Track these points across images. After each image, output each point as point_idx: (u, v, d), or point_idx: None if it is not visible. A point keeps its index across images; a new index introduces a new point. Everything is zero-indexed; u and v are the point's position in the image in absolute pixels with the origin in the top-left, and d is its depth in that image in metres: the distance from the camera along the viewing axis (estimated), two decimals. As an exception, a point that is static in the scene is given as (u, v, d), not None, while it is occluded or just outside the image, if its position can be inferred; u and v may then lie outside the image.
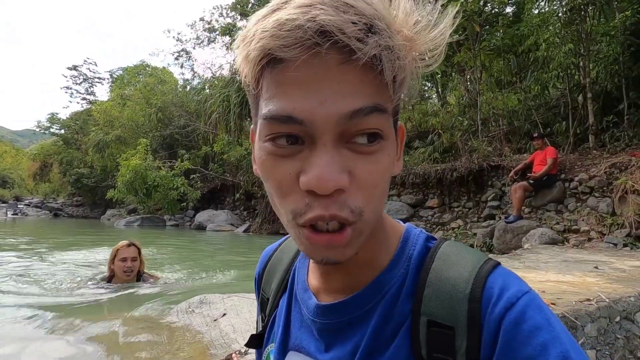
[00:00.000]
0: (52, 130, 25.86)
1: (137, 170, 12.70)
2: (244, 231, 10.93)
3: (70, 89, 25.88)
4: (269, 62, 0.31)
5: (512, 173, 5.99)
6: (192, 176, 13.70)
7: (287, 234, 0.43)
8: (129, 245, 2.96)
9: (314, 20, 0.29)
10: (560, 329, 0.34)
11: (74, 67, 26.06)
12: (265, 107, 0.32)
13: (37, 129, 26.84)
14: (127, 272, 2.82)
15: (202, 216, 12.52)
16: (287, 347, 0.46)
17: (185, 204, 13.74)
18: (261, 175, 0.36)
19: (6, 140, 53.47)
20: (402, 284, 0.40)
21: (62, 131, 24.71)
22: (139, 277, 2.94)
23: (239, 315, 1.57)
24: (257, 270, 0.57)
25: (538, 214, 5.78)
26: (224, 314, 1.60)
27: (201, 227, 11.96)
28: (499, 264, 0.39)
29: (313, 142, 0.31)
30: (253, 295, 1.99)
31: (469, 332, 0.35)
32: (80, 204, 21.54)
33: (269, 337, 0.51)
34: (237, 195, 12.59)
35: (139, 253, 2.99)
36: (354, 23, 0.29)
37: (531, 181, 5.53)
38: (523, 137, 7.44)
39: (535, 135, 5.94)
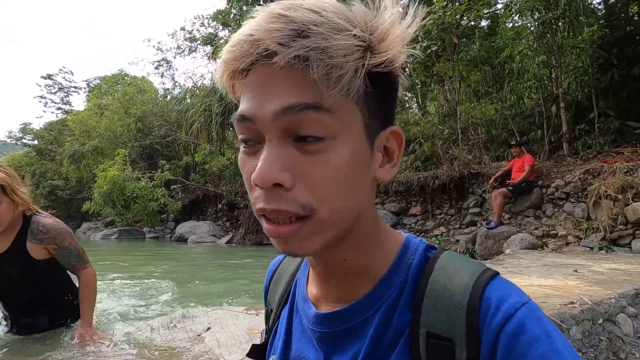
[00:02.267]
0: (24, 140, 24.90)
1: (115, 181, 12.32)
2: (227, 242, 10.72)
3: (45, 98, 25.06)
4: (235, 75, 0.36)
5: (491, 180, 6.14)
6: (172, 187, 13.41)
7: (269, 242, 0.46)
8: None
9: (251, 34, 0.33)
10: (560, 341, 0.34)
11: (49, 76, 25.26)
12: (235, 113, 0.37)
13: (9, 140, 25.78)
14: None
15: (183, 227, 12.23)
16: (289, 358, 0.46)
17: (165, 215, 13.40)
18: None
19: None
20: (401, 294, 0.40)
21: (36, 142, 23.81)
22: (26, 223, 1.61)
23: (224, 329, 1.51)
24: (265, 282, 0.58)
25: (518, 219, 5.92)
26: (208, 328, 1.54)
27: (182, 239, 11.67)
28: (497, 273, 0.39)
29: (264, 140, 0.35)
30: (238, 309, 1.94)
31: (468, 343, 0.35)
32: (55, 217, 20.67)
33: (271, 348, 0.51)
34: (220, 206, 12.37)
35: (6, 187, 1.52)
36: (278, 30, 0.32)
37: (510, 188, 5.68)
38: (501, 145, 7.67)
39: (513, 143, 6.13)
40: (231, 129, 11.23)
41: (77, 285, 1.75)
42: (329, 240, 0.37)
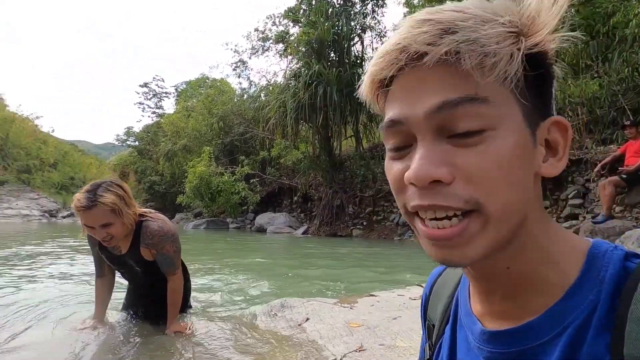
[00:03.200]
0: (128, 142, 28.69)
1: (202, 176, 13.57)
2: (303, 233, 11.12)
3: (142, 104, 28.54)
4: (381, 85, 0.37)
5: (598, 167, 5.36)
6: (251, 180, 14.31)
7: (345, 234, 0.44)
8: (87, 206, 1.56)
9: (398, 43, 0.34)
10: None
11: (145, 84, 28.70)
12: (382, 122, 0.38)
13: (116, 142, 29.98)
14: (106, 241, 1.68)
15: (262, 219, 12.99)
16: None
17: (246, 207, 14.38)
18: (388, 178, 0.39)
19: (91, 154, 60.48)
20: (591, 315, 0.33)
21: (137, 143, 27.27)
22: (138, 228, 1.77)
23: (322, 320, 1.56)
24: (423, 294, 0.55)
25: (634, 213, 5.09)
26: (307, 319, 1.61)
27: (261, 230, 12.41)
28: None
29: (416, 141, 0.34)
30: (332, 301, 2.00)
31: None
32: (153, 209, 23.57)
33: None
34: (295, 198, 12.84)
35: (116, 210, 1.62)
36: (425, 32, 0.32)
37: (624, 175, 4.88)
38: (608, 127, 6.62)
39: (627, 123, 5.23)
40: (304, 123, 11.54)
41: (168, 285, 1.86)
42: (494, 243, 0.33)
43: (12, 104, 39.86)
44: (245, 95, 19.14)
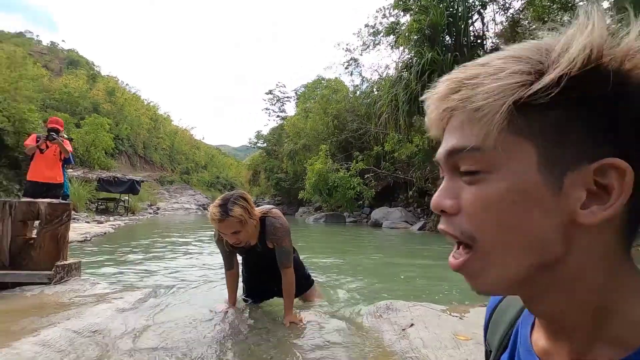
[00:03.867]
0: (258, 144, 32.47)
1: (320, 173, 14.43)
2: (419, 229, 10.74)
3: (268, 109, 31.89)
4: None
5: None
6: (366, 175, 14.51)
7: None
8: (220, 219, 1.83)
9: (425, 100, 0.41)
10: None
11: (270, 92, 32.00)
12: None
13: (249, 145, 34.29)
14: (236, 244, 1.93)
15: (377, 214, 13.06)
16: None
17: (361, 201, 14.69)
18: None
19: (230, 155, 70.72)
20: None
21: (265, 145, 30.65)
22: (262, 225, 2.03)
23: (428, 328, 1.53)
24: (485, 318, 0.55)
25: None
26: (412, 324, 1.60)
27: (377, 224, 12.49)
28: None
29: None
30: (440, 307, 1.93)
31: None
32: (280, 203, 26.18)
33: None
34: (410, 193, 12.48)
35: (242, 221, 1.86)
36: (436, 93, 0.38)
37: None
38: None
39: None
40: (417, 116, 11.09)
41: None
42: (503, 279, 0.35)
43: (175, 118, 49.32)
44: (358, 92, 19.44)
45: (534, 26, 12.06)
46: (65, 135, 6.10)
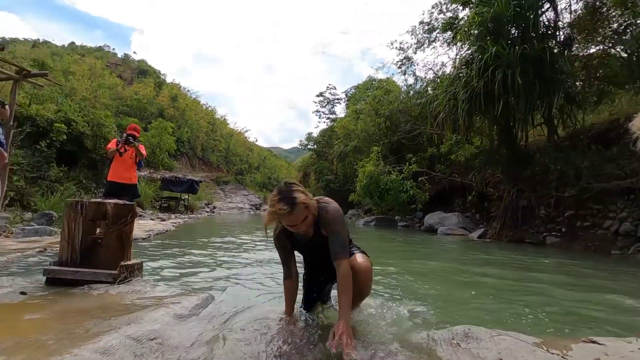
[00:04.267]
0: (309, 146, 32.83)
1: (371, 175, 14.10)
2: (479, 237, 10.00)
3: (319, 111, 32.13)
4: None
5: None
6: (419, 178, 13.91)
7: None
8: (289, 210, 1.69)
9: None
10: None
11: (321, 94, 32.23)
12: None
13: (300, 147, 34.81)
14: (303, 231, 1.80)
15: (432, 218, 12.43)
16: None
17: (414, 205, 14.09)
18: None
19: (281, 157, 72.49)
20: None
21: (315, 146, 30.88)
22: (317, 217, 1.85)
23: (520, 366, 1.27)
24: None
25: None
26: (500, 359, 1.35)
27: (431, 230, 11.87)
28: None
29: None
30: (531, 339, 1.63)
31: None
32: (329, 205, 26.17)
33: None
34: (469, 197, 11.71)
35: (307, 204, 1.74)
36: None
37: None
38: None
39: None
40: (478, 115, 10.36)
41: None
42: None
43: (231, 121, 51.75)
44: (412, 92, 18.75)
45: (614, 12, 10.68)
46: (141, 141, 6.60)
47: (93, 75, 26.86)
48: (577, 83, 10.44)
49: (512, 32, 9.92)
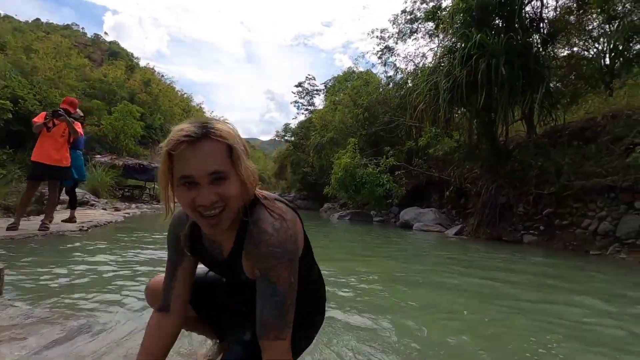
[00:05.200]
0: (285, 138, 31.96)
1: (347, 168, 13.53)
2: (456, 234, 9.64)
3: (297, 102, 31.27)
4: None
5: None
6: (396, 172, 13.48)
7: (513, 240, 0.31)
8: (195, 138, 0.89)
9: None
10: None
11: (299, 84, 31.35)
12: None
13: (277, 138, 33.86)
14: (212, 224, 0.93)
15: (407, 214, 12.03)
16: None
17: (390, 200, 13.66)
18: None
19: (259, 149, 71.08)
20: None
21: (292, 138, 30.08)
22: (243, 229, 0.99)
23: None
24: None
25: None
26: None
27: (407, 225, 11.46)
28: None
29: None
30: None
31: None
32: (305, 198, 25.52)
33: None
34: (447, 193, 11.36)
35: (231, 145, 0.92)
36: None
37: None
38: None
39: None
40: (459, 108, 9.95)
41: None
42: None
43: (207, 110, 50.05)
44: (391, 84, 18.29)
45: (592, 15, 10.55)
46: (79, 117, 5.64)
47: (58, 55, 24.89)
48: (554, 81, 10.28)
49: (497, 21, 9.53)
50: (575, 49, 11.29)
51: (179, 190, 0.91)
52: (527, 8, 9.65)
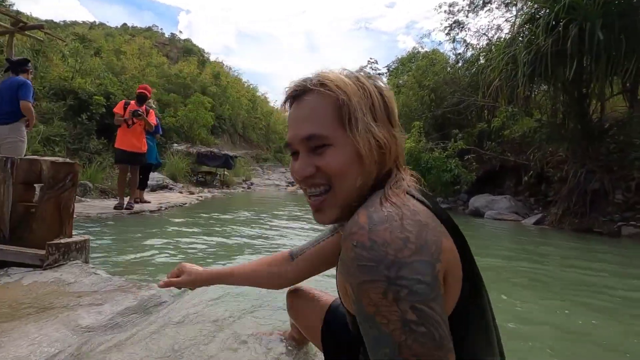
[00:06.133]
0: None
1: (411, 152, 12.95)
2: (535, 223, 8.72)
3: (359, 87, 30.72)
4: None
5: None
6: (466, 157, 12.56)
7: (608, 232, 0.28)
8: (298, 93, 0.72)
9: None
10: None
11: (361, 69, 30.68)
12: None
13: (338, 124, 33.82)
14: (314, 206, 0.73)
15: (478, 201, 11.19)
16: None
17: (458, 186, 12.82)
18: None
19: (321, 135, 71.70)
20: None
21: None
22: None
23: None
24: None
25: None
26: None
27: (477, 214, 10.68)
28: None
29: None
30: None
31: None
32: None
33: None
34: (525, 179, 10.30)
35: (345, 101, 0.67)
36: None
37: None
38: None
39: None
40: (541, 82, 8.83)
41: None
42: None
43: (272, 99, 51.74)
44: (461, 62, 16.93)
45: None
46: (153, 105, 6.22)
47: (142, 55, 27.68)
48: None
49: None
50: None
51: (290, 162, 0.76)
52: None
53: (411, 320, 0.48)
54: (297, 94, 0.70)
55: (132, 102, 5.60)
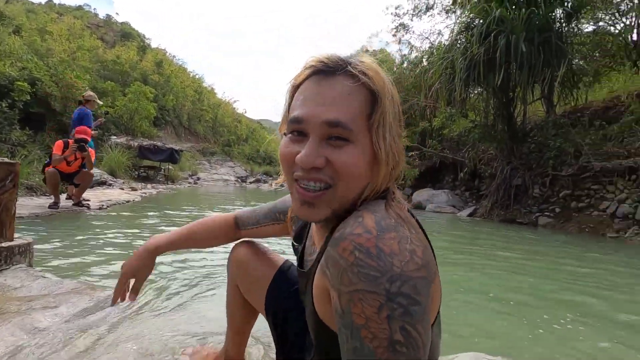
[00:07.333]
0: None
1: (359, 149, 13.44)
2: (469, 215, 9.59)
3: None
4: None
5: None
6: (409, 154, 13.35)
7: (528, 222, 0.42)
8: (332, 70, 0.63)
9: None
10: None
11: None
12: None
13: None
14: (305, 199, 0.62)
15: (421, 195, 11.99)
16: None
17: (403, 182, 13.60)
18: None
19: (272, 130, 71.12)
20: None
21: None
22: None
23: None
24: None
25: None
26: None
27: (420, 207, 11.45)
28: None
29: None
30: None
31: None
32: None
33: None
34: (461, 175, 11.23)
35: (380, 95, 0.63)
36: None
37: None
38: None
39: None
40: (475, 87, 9.68)
41: None
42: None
43: (219, 91, 49.96)
44: (406, 63, 17.83)
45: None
46: (101, 105, 5.96)
47: (72, 36, 25.09)
48: (577, 59, 9.86)
49: (518, -5, 9.10)
50: (600, 23, 10.76)
51: (283, 140, 0.63)
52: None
53: (397, 340, 0.45)
54: (331, 70, 0.60)
55: (70, 141, 5.25)
